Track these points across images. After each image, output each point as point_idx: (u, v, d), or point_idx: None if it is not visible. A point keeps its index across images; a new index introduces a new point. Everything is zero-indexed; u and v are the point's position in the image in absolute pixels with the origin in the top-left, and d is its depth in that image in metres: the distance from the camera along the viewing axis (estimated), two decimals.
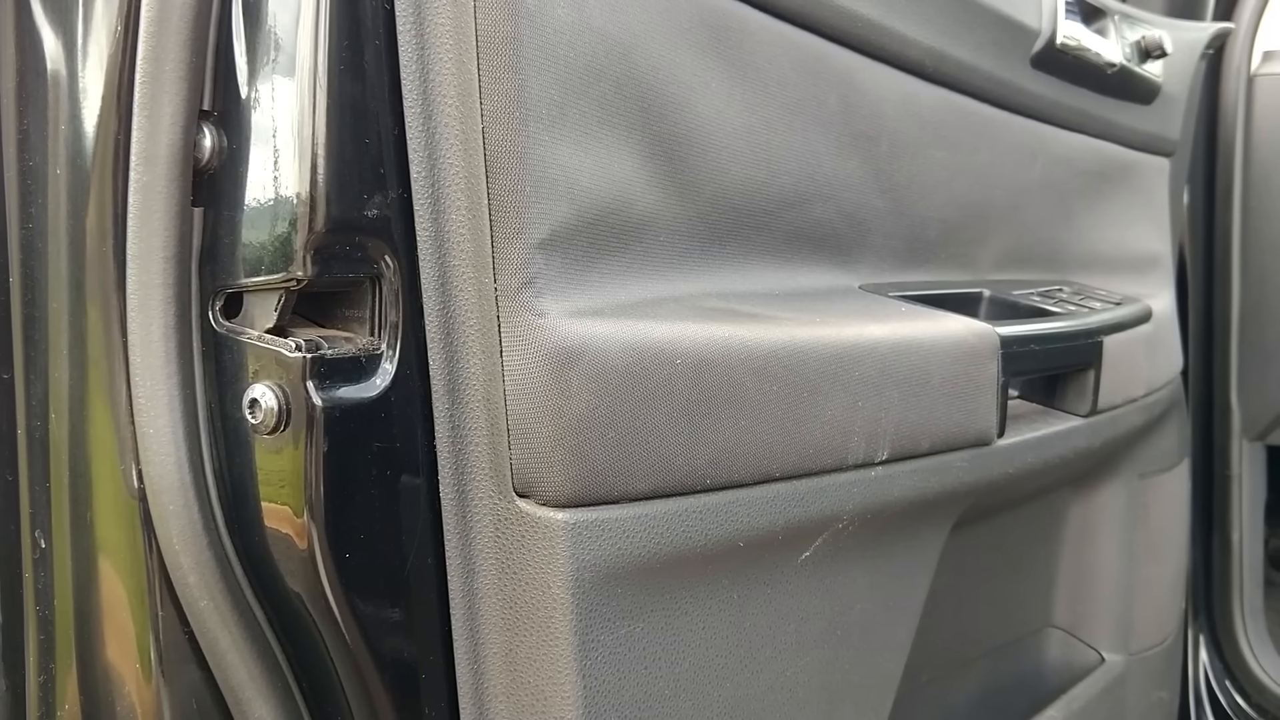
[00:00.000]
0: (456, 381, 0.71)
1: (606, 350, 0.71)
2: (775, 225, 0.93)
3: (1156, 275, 1.59)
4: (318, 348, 0.67)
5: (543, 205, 0.70)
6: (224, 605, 0.70)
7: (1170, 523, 1.69)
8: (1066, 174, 1.36)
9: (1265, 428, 2.08)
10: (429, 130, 0.69)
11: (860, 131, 1.00)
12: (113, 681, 0.73)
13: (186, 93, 0.66)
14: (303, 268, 0.67)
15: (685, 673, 0.79)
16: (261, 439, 0.68)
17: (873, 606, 0.97)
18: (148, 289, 0.67)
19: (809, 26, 0.93)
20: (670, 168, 0.81)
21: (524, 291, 0.69)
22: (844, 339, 0.88)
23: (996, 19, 1.16)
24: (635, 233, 0.79)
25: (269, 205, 0.67)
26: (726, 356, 0.78)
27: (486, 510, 0.72)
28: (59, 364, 0.71)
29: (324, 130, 0.66)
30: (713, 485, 0.78)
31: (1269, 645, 2.09)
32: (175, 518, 0.68)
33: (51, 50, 0.69)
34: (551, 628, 0.71)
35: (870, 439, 0.89)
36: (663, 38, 0.79)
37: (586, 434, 0.70)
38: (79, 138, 0.69)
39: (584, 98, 0.73)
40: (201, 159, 0.68)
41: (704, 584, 0.80)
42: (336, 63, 0.66)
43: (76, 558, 0.72)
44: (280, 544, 0.69)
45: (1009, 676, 1.50)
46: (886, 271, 1.09)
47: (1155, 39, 1.42)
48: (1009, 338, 1.05)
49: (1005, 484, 1.11)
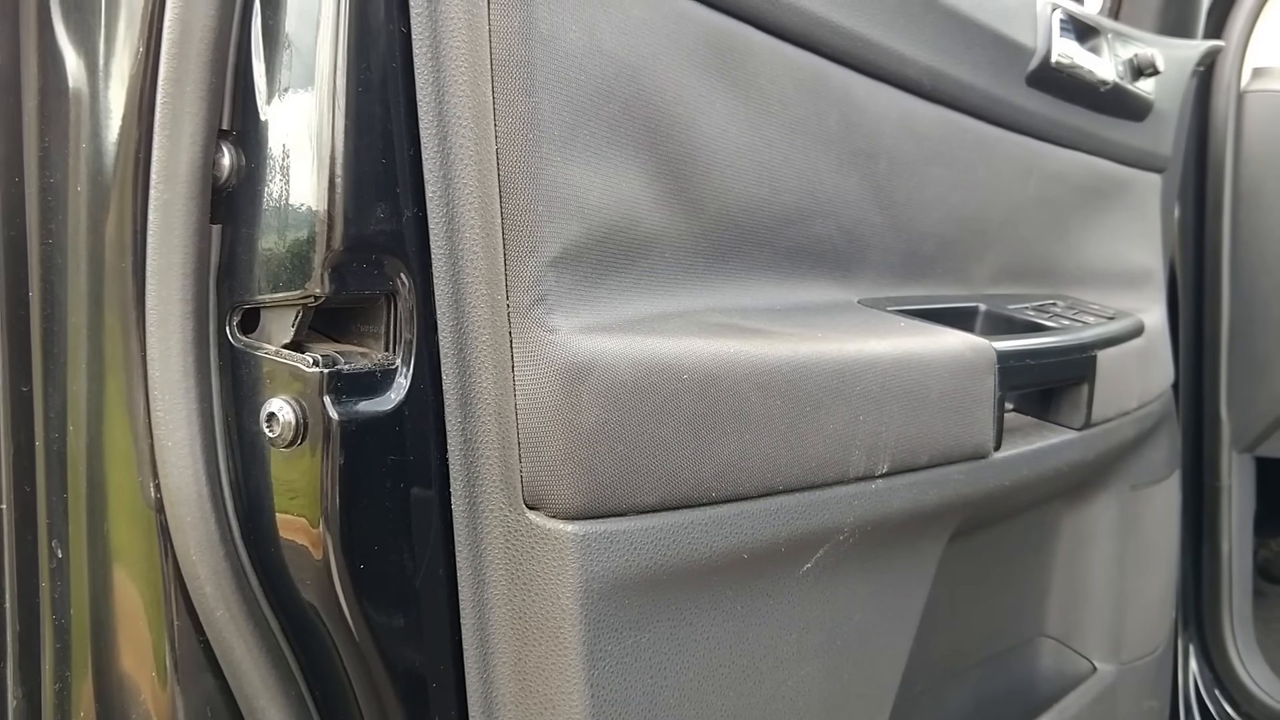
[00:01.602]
0: (469, 396, 0.72)
1: (616, 365, 0.73)
2: (777, 241, 0.94)
3: (1148, 290, 1.61)
4: (334, 363, 0.69)
5: (554, 224, 0.71)
6: (239, 615, 0.71)
7: (1161, 534, 1.70)
8: (1061, 190, 1.38)
9: (1254, 439, 2.10)
10: (444, 151, 0.70)
11: (860, 149, 1.02)
12: (127, 690, 0.74)
13: (206, 113, 0.67)
14: (320, 285, 0.68)
15: (689, 682, 0.81)
16: (278, 452, 0.70)
17: (871, 617, 0.98)
18: (167, 304, 0.68)
19: (810, 46, 0.95)
20: (676, 186, 0.83)
21: (535, 308, 0.71)
22: (845, 354, 0.89)
23: (993, 38, 1.18)
24: (642, 250, 0.80)
25: (287, 223, 0.69)
26: (732, 371, 0.80)
27: (497, 522, 0.73)
28: (78, 377, 0.72)
29: (341, 150, 0.68)
30: (718, 498, 0.80)
31: (1258, 655, 2.11)
32: (193, 529, 0.69)
33: (74, 69, 0.71)
34: (560, 638, 0.72)
35: (871, 452, 0.91)
36: (670, 59, 0.81)
37: (596, 447, 0.72)
38: (100, 155, 0.70)
39: (594, 119, 0.74)
40: (220, 177, 0.69)
41: (708, 595, 0.81)
42: (354, 85, 0.68)
43: (93, 567, 0.73)
44: (295, 555, 0.71)
45: (1002, 686, 1.51)
46: (885, 286, 1.10)
47: (1148, 57, 1.44)
48: (1005, 352, 1.07)
49: (1001, 496, 1.13)
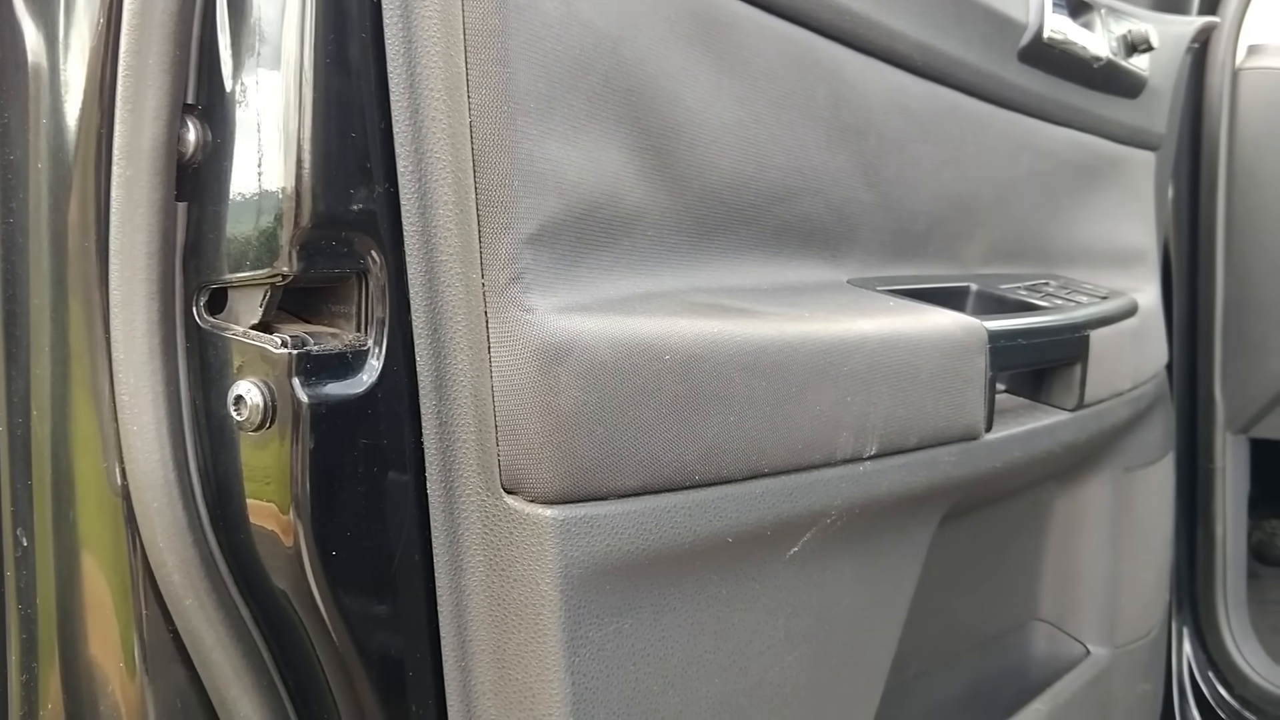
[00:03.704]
0: (444, 378, 0.70)
1: (595, 346, 0.71)
2: (763, 219, 0.92)
3: (1142, 269, 1.59)
4: (303, 344, 0.67)
5: (531, 200, 0.69)
6: (209, 603, 0.69)
7: (1155, 516, 1.69)
8: (1053, 168, 1.36)
9: (1249, 420, 2.09)
10: (416, 124, 0.68)
11: (849, 125, 1.00)
12: (96, 680, 0.72)
13: (170, 86, 0.65)
14: (288, 263, 0.66)
15: (673, 669, 0.79)
16: (246, 435, 0.68)
17: (860, 601, 0.97)
18: (131, 285, 0.66)
19: (798, 20, 0.93)
20: (658, 162, 0.81)
21: (512, 287, 0.69)
22: (832, 334, 0.87)
23: (984, 13, 1.16)
24: (623, 227, 0.78)
25: (254, 200, 0.66)
26: (715, 352, 0.78)
27: (474, 507, 0.71)
28: (40, 361, 0.70)
29: (309, 124, 0.66)
30: (701, 481, 0.78)
31: (1252, 637, 2.10)
32: (159, 515, 0.68)
33: (32, 43, 0.69)
34: (539, 624, 0.70)
35: (859, 434, 0.89)
36: (651, 30, 0.79)
37: (575, 430, 0.70)
38: (60, 131, 0.68)
39: (572, 91, 0.72)
40: (185, 153, 0.67)
41: (692, 580, 0.80)
42: (322, 55, 0.66)
43: (59, 556, 0.72)
44: (266, 541, 0.69)
45: (995, 669, 1.50)
46: (874, 265, 1.09)
47: (1142, 33, 1.42)
48: (997, 332, 1.05)
49: (992, 478, 1.11)
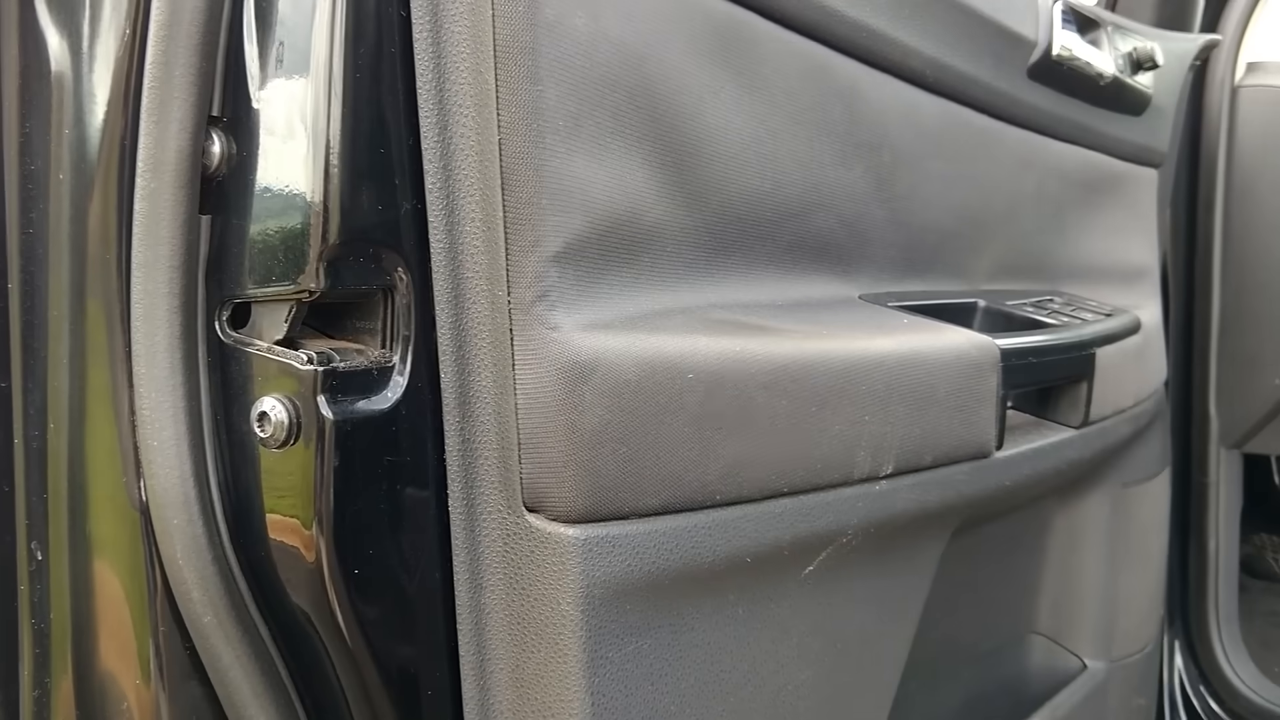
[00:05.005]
0: (467, 395, 0.70)
1: (619, 364, 0.70)
2: (778, 235, 0.92)
3: (1144, 286, 1.60)
4: (329, 360, 0.66)
5: (558, 217, 0.69)
6: (228, 620, 0.69)
7: (1151, 531, 1.70)
8: (1059, 184, 1.36)
9: (1242, 436, 2.09)
10: (444, 140, 0.67)
11: (864, 141, 1.00)
12: (110, 697, 0.71)
13: (196, 98, 0.65)
14: (314, 279, 0.65)
15: (690, 689, 0.79)
16: (268, 452, 0.67)
17: (872, 619, 0.97)
18: (153, 298, 0.65)
19: (816, 36, 0.93)
20: (679, 178, 0.80)
21: (537, 305, 0.68)
22: (851, 352, 0.87)
23: (996, 29, 1.16)
24: (643, 244, 0.78)
25: (280, 214, 0.66)
26: (737, 370, 0.77)
27: (495, 525, 0.71)
28: (59, 373, 0.69)
29: (337, 138, 0.65)
30: (722, 501, 0.77)
31: (1243, 651, 2.11)
32: (179, 532, 0.67)
33: (56, 52, 0.68)
34: (560, 644, 0.70)
35: (876, 453, 0.89)
36: (675, 47, 0.78)
37: (598, 449, 0.69)
38: (83, 142, 0.67)
39: (599, 108, 0.72)
40: (210, 165, 0.66)
41: (710, 599, 0.79)
42: (351, 70, 0.65)
43: (74, 570, 0.71)
44: (287, 558, 0.68)
45: (993, 682, 1.50)
46: (885, 281, 1.08)
47: (1147, 50, 1.42)
48: (1008, 350, 1.05)
49: (1001, 496, 1.11)
